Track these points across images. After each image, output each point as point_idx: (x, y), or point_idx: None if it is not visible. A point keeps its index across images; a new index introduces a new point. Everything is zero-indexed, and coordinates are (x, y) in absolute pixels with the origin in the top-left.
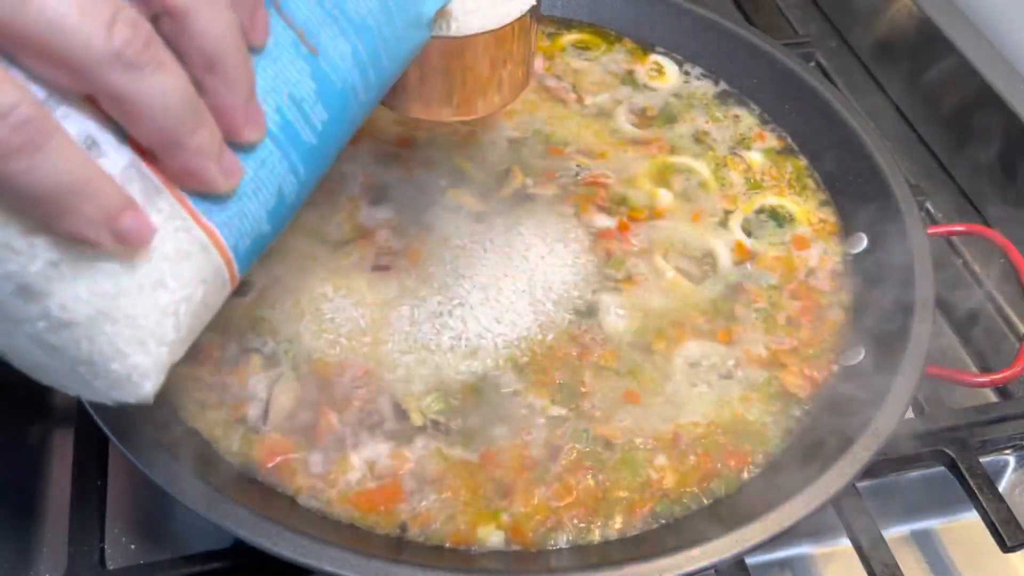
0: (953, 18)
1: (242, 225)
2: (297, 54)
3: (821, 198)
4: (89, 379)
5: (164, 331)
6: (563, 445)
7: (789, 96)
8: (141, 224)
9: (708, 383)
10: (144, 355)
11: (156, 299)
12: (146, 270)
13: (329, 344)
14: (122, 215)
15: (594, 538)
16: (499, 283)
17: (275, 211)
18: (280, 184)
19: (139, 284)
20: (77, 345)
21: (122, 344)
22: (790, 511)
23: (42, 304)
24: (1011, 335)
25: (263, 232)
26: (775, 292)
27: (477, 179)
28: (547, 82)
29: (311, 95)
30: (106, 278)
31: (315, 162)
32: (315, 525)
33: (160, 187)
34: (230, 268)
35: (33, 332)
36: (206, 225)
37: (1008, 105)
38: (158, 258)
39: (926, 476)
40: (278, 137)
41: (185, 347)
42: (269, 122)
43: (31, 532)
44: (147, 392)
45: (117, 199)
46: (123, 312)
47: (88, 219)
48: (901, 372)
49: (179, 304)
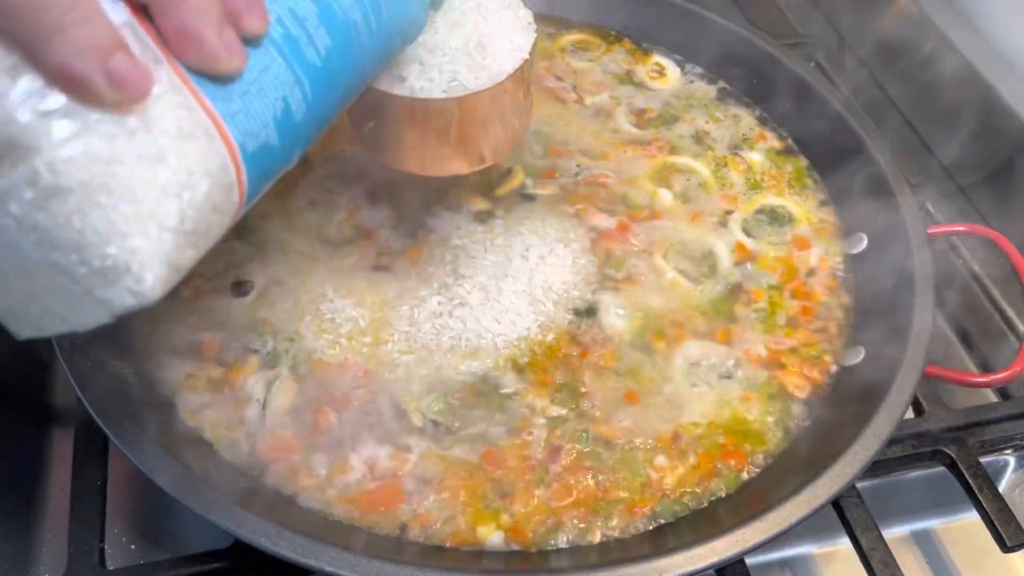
0: (953, 18)
1: (248, 124)
2: None
3: (821, 198)
4: (81, 279)
5: (167, 214)
6: (563, 445)
7: (789, 96)
8: (138, 70)
9: (708, 383)
10: (144, 238)
11: (156, 174)
12: (144, 139)
13: (329, 344)
14: (116, 53)
15: (594, 538)
16: (499, 283)
17: (283, 123)
18: (286, 94)
19: (137, 152)
20: (68, 221)
21: (119, 220)
22: (790, 511)
23: (30, 164)
24: (1011, 335)
25: (271, 143)
26: (775, 292)
27: (477, 179)
28: (547, 82)
29: (312, 16)
30: (101, 139)
31: (323, 89)
32: (315, 525)
33: (159, 56)
34: (237, 168)
35: (20, 211)
36: (209, 108)
37: (1008, 105)
38: (158, 132)
39: (926, 476)
40: (281, 46)
41: (192, 253)
42: (273, 31)
43: (31, 532)
44: (149, 286)
45: (110, 33)
46: (120, 182)
47: (78, 47)
48: (901, 372)
49: (182, 189)
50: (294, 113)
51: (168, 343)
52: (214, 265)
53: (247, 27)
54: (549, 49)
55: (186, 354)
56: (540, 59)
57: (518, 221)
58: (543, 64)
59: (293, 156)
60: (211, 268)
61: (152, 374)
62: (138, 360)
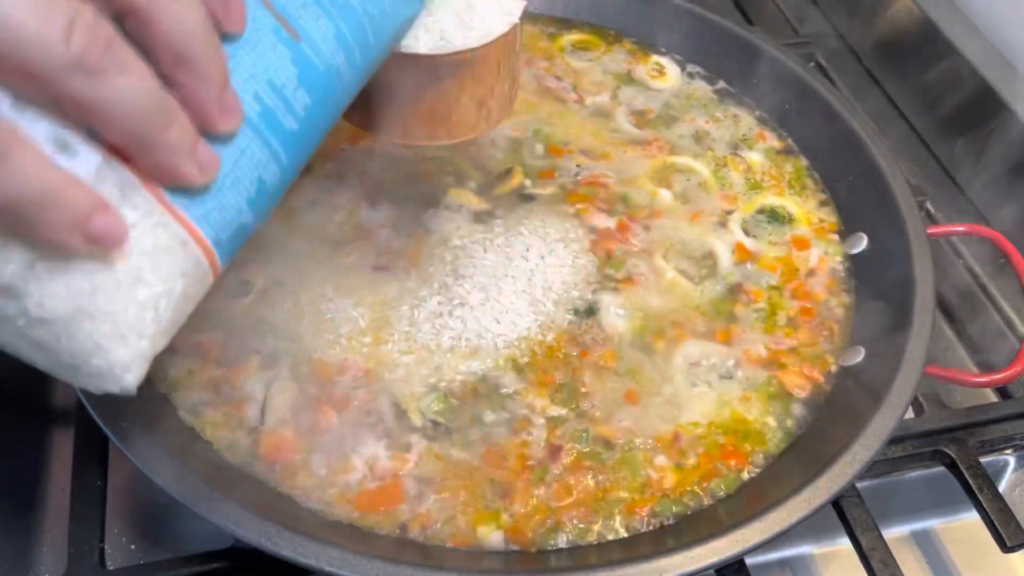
0: (953, 18)
1: (222, 217)
2: (278, 39)
3: (821, 198)
4: (74, 371)
5: (143, 325)
6: (563, 445)
7: (789, 96)
8: (114, 226)
9: (708, 383)
10: (124, 349)
11: (134, 294)
12: (123, 266)
13: (329, 344)
14: (93, 218)
15: (594, 538)
16: (499, 283)
17: (256, 200)
18: (260, 173)
19: (116, 280)
20: (57, 341)
21: (101, 340)
22: (790, 511)
23: (20, 303)
24: (1011, 335)
25: (244, 222)
26: (775, 292)
27: (477, 179)
28: (547, 82)
29: (292, 81)
30: (82, 276)
31: (298, 147)
32: (315, 525)
33: (136, 183)
34: (211, 260)
35: (15, 329)
36: (184, 220)
37: (1008, 105)
38: (136, 254)
39: (926, 476)
40: (258, 125)
41: (167, 338)
42: (248, 110)
43: (31, 532)
44: (129, 383)
45: (86, 204)
46: (101, 309)
47: (57, 226)
48: (901, 372)
49: (159, 298)
50: (269, 186)
51: (168, 343)
52: None
53: (221, 131)
54: (549, 49)
55: (186, 354)
56: (540, 59)
57: (518, 221)
58: (543, 64)
59: (266, 216)
60: None
61: (152, 374)
62: None
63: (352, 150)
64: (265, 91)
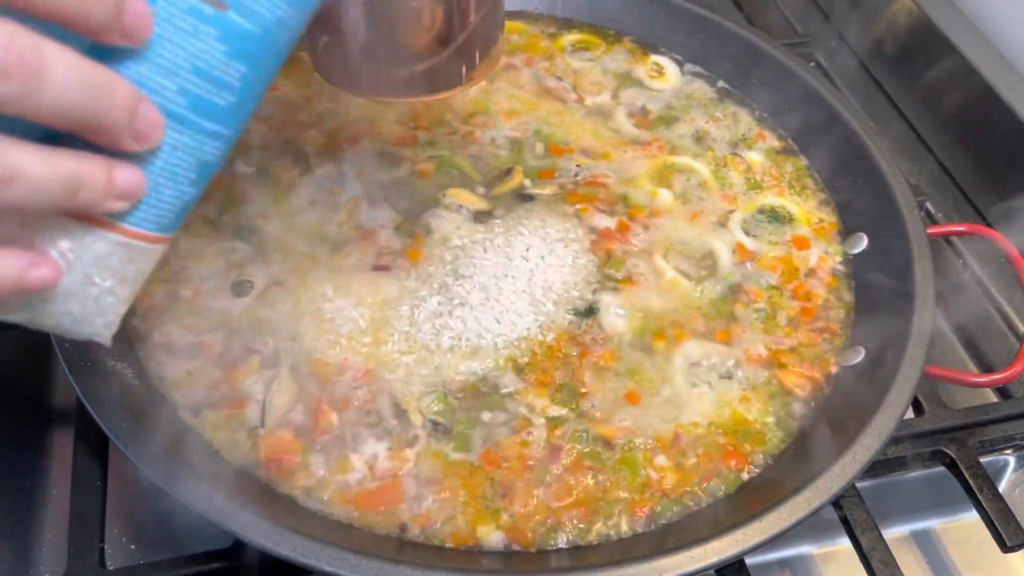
0: (953, 18)
1: (162, 208)
2: (198, 21)
3: (821, 198)
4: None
5: (103, 307)
6: (563, 445)
7: (789, 96)
8: (51, 268)
9: (708, 383)
10: (90, 327)
11: (87, 294)
12: (69, 279)
13: (329, 344)
14: (32, 269)
15: (594, 538)
16: (499, 283)
17: (199, 178)
18: (199, 156)
19: (65, 291)
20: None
21: (67, 327)
22: (790, 511)
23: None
24: (1011, 335)
25: (188, 198)
26: (775, 292)
27: (477, 179)
28: (547, 82)
29: (220, 59)
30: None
31: (239, 111)
32: (315, 525)
33: (65, 222)
34: (159, 239)
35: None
36: (122, 229)
37: (1008, 105)
38: (80, 266)
39: (926, 476)
40: (187, 118)
41: (131, 300)
42: (174, 107)
43: (31, 532)
44: (107, 339)
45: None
46: (56, 313)
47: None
48: (901, 372)
49: (113, 286)
50: (211, 161)
51: (168, 343)
52: (214, 265)
53: (142, 150)
54: (549, 49)
55: (186, 354)
56: (540, 59)
57: (518, 221)
58: (543, 64)
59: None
60: (211, 268)
61: (152, 374)
62: (138, 360)
63: (352, 150)
64: (191, 81)
